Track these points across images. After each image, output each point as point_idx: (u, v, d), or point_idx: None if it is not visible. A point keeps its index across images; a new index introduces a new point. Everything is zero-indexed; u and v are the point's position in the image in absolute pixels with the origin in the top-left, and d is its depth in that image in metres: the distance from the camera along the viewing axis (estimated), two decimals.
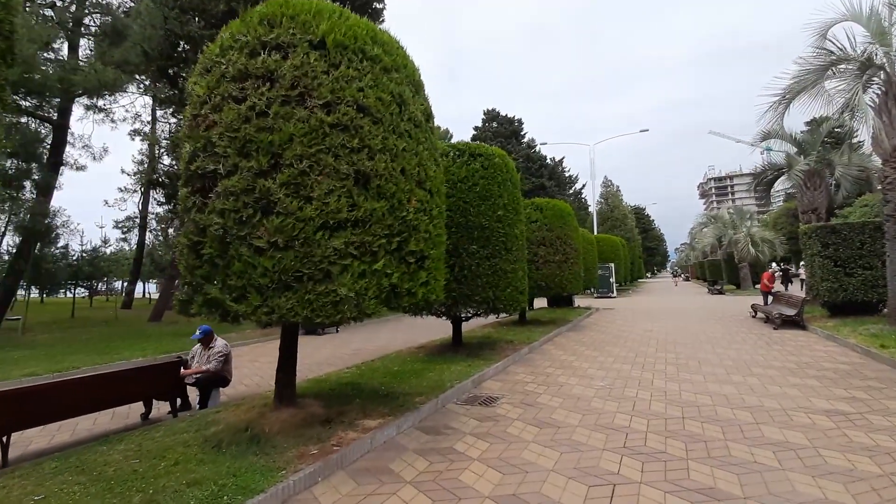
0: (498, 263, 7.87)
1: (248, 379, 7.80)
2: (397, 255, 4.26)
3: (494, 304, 7.88)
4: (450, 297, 7.64)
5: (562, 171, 43.76)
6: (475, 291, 7.67)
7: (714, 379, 6.49)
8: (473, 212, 7.73)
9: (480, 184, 7.85)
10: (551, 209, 12.17)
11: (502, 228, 7.97)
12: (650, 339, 10.43)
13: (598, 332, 11.78)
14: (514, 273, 8.15)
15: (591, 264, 18.50)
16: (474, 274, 7.67)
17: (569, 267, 12.13)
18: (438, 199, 4.97)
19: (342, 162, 3.88)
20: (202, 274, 3.85)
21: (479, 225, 7.74)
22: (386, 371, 7.12)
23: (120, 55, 12.23)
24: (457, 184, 7.79)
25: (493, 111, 35.81)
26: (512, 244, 8.16)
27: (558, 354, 8.78)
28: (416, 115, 4.69)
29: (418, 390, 5.84)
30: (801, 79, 9.59)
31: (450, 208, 7.62)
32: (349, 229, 3.88)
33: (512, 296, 8.10)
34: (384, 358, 8.43)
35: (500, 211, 7.95)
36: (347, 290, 3.77)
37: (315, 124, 3.81)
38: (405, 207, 4.31)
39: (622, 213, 41.41)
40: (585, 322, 14.42)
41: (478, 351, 8.54)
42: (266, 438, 4.16)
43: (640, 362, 7.77)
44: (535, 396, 5.84)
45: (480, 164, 8.00)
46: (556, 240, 11.99)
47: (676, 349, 8.94)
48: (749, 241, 27.93)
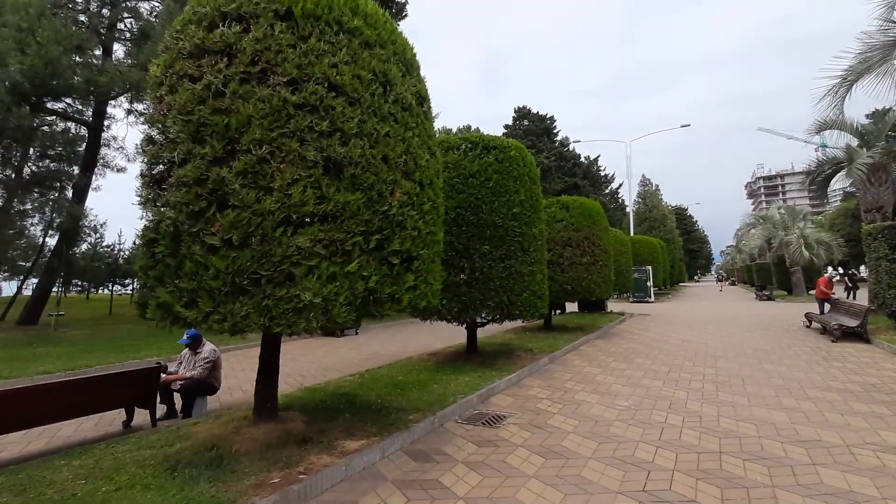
0: (513, 265, 7.20)
1: (248, 385, 7.46)
2: (377, 256, 3.71)
3: (509, 310, 7.21)
4: (460, 301, 7.05)
5: (597, 171, 42.20)
6: (488, 296, 7.04)
7: (761, 402, 5.58)
8: (486, 209, 7.10)
9: (494, 179, 7.21)
10: (578, 207, 11.34)
11: (518, 227, 7.29)
12: (687, 350, 9.44)
13: (629, 341, 10.85)
14: (531, 276, 7.46)
15: (624, 267, 17.41)
16: (487, 277, 7.03)
17: (597, 269, 11.25)
18: (432, 193, 4.39)
19: (309, 148, 3.37)
20: (155, 275, 3.43)
21: (493, 223, 7.10)
22: (389, 380, 6.60)
23: (145, 56, 12.36)
24: (468, 179, 7.18)
25: (524, 108, 34.82)
26: (529, 244, 7.47)
27: (581, 366, 8.00)
28: (404, 97, 4.13)
29: (416, 405, 5.28)
30: (866, 57, 8.39)
31: (460, 205, 7.05)
32: (316, 225, 3.36)
33: (529, 301, 7.40)
34: (393, 365, 7.93)
35: (515, 208, 7.28)
36: (313, 296, 3.25)
37: (277, 104, 3.32)
38: (387, 201, 3.76)
39: (661, 214, 39.39)
40: (617, 329, 13.44)
41: (492, 360, 7.89)
42: (230, 460, 3.70)
43: (673, 378, 6.91)
44: (548, 417, 5.15)
45: (494, 157, 7.36)
46: (583, 240, 11.15)
47: (717, 363, 7.97)
48: (802, 243, 25.76)
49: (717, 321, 15.24)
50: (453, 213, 7.08)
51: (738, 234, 36.71)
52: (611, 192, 45.66)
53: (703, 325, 14.23)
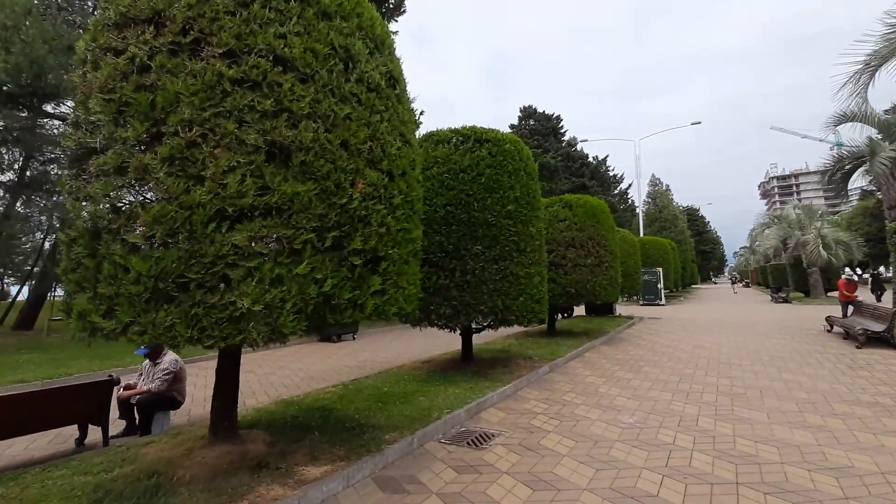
0: (508, 267, 6.67)
1: None
2: (335, 256, 3.23)
3: (504, 315, 6.68)
4: (450, 306, 6.54)
5: (605, 171, 41.40)
6: (480, 300, 6.52)
7: (781, 419, 4.98)
8: (478, 206, 6.59)
9: (487, 174, 6.69)
10: (582, 206, 10.76)
11: (513, 226, 6.77)
12: (700, 357, 8.81)
13: (637, 347, 10.23)
14: (528, 278, 6.92)
15: (633, 269, 16.75)
16: (479, 279, 6.51)
17: (603, 271, 10.66)
18: (404, 185, 3.89)
19: (249, 130, 2.89)
20: (75, 279, 2.98)
21: (485, 222, 6.59)
22: (373, 392, 6.11)
23: None
24: (459, 174, 6.68)
25: (530, 108, 34.22)
26: (526, 244, 6.94)
27: (584, 375, 7.43)
28: (371, 76, 3.65)
29: (396, 422, 4.77)
30: (892, 39, 7.72)
31: (450, 202, 6.55)
32: (258, 220, 2.89)
33: (526, 305, 6.87)
34: (382, 374, 7.43)
35: (510, 205, 6.75)
36: (252, 302, 2.77)
37: (211, 79, 2.85)
38: (347, 192, 3.27)
39: (672, 214, 38.48)
40: (625, 334, 12.81)
41: (488, 369, 7.36)
42: (167, 491, 3.22)
43: (683, 390, 6.31)
44: (541, 435, 4.61)
45: (487, 150, 6.85)
46: (587, 241, 10.57)
47: (732, 372, 7.34)
48: (820, 243, 24.81)
49: (732, 325, 14.51)
50: (442, 211, 6.58)
51: (752, 234, 35.74)
52: (620, 192, 44.80)
53: (716, 329, 13.53)
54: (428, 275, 6.65)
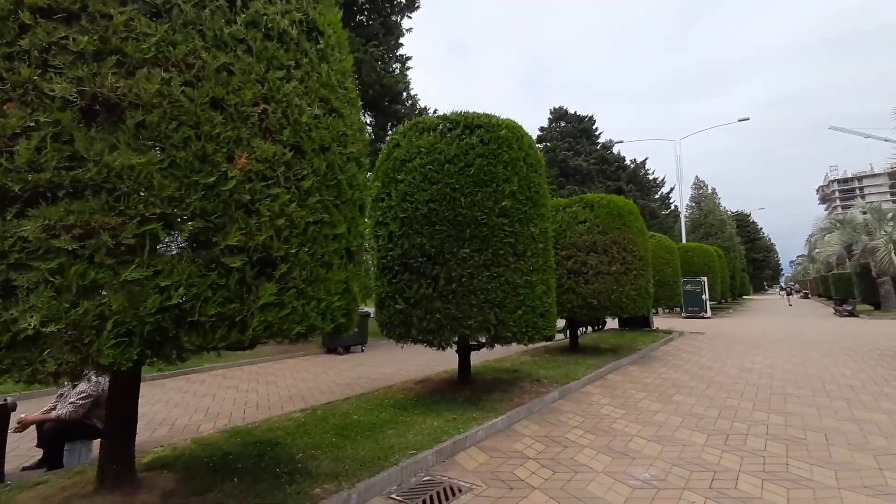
0: (502, 273, 5.61)
1: (187, 416, 6.27)
2: (199, 256, 2.34)
3: (498, 331, 5.61)
4: (433, 319, 5.55)
5: (644, 174, 39.25)
6: (468, 313, 5.49)
7: (856, 481, 3.65)
8: (465, 202, 5.59)
9: (477, 164, 5.70)
10: (605, 206, 9.51)
11: (509, 225, 5.72)
12: (747, 384, 7.35)
13: (671, 369, 8.83)
14: (529, 287, 5.83)
15: (670, 277, 15.13)
16: (466, 288, 5.50)
17: (630, 280, 9.34)
18: (322, 163, 2.96)
19: (58, 79, 2.06)
20: None
21: (474, 220, 5.58)
22: (338, 421, 5.19)
23: None
24: (444, 165, 5.72)
25: (561, 109, 32.76)
26: (526, 247, 5.86)
27: (599, 405, 6.22)
28: (274, 20, 2.77)
29: (340, 468, 3.82)
30: None
31: (433, 198, 5.61)
32: (63, 203, 2.04)
33: (526, 319, 5.77)
34: (363, 396, 6.52)
35: (505, 201, 5.71)
36: (40, 322, 1.91)
37: (4, 8, 2.04)
38: (219, 169, 2.38)
39: (719, 219, 35.72)
40: (659, 352, 11.32)
41: (484, 393, 6.29)
42: None
43: (722, 430, 5.01)
44: (522, 494, 3.53)
45: (478, 137, 5.86)
46: (611, 245, 9.30)
47: (787, 406, 5.92)
48: (892, 249, 21.99)
49: (788, 342, 12.66)
50: (424, 209, 5.63)
51: (811, 240, 32.55)
52: (661, 197, 42.41)
53: (768, 347, 11.78)
54: (408, 283, 5.70)
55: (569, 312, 9.36)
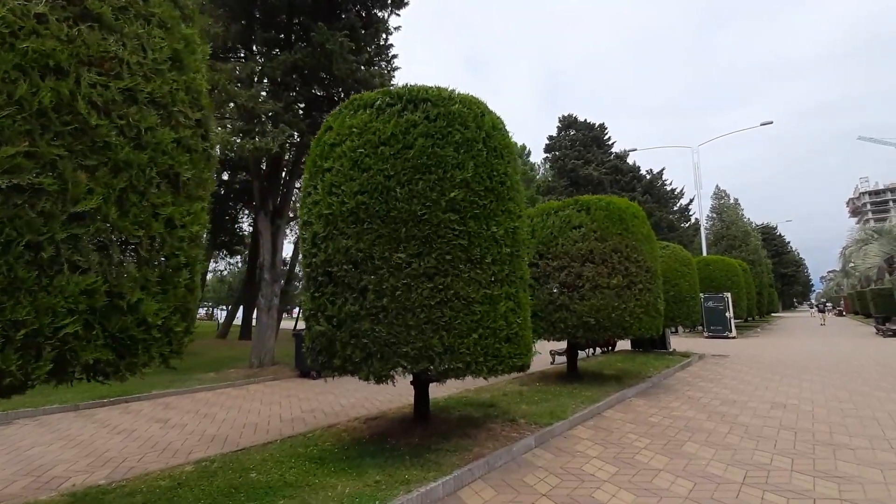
0: (451, 285, 4.32)
1: (79, 464, 5.06)
2: None
3: (444, 361, 4.28)
4: (359, 345, 4.27)
5: (661, 185, 37.44)
6: (403, 336, 4.20)
7: None
8: (402, 193, 4.35)
9: (419, 145, 4.46)
10: (603, 209, 8.13)
11: (460, 223, 4.44)
12: (781, 428, 5.81)
13: (685, 403, 7.30)
14: (489, 304, 4.51)
15: (687, 293, 13.49)
16: (401, 304, 4.21)
17: (634, 295, 7.88)
18: None
19: None
20: None
21: (412, 216, 4.32)
22: (228, 481, 3.94)
23: None
24: (378, 148, 4.50)
25: (570, 117, 31.42)
26: (486, 252, 4.56)
27: (585, 458, 4.79)
28: None
29: None
30: None
31: (363, 190, 4.40)
32: None
33: (484, 345, 4.44)
34: (287, 441, 5.25)
35: (455, 192, 4.45)
36: None
37: None
38: None
39: (742, 231, 33.53)
40: (673, 380, 9.74)
41: (440, 438, 4.95)
42: None
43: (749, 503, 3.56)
44: None
45: (423, 113, 4.64)
46: (611, 254, 7.89)
47: (839, 466, 4.40)
48: None
49: (827, 369, 10.89)
50: (352, 203, 4.41)
51: (846, 252, 30.12)
52: (680, 208, 40.39)
53: (804, 374, 10.06)
54: (332, 297, 4.45)
55: (561, 334, 7.94)
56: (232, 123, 9.78)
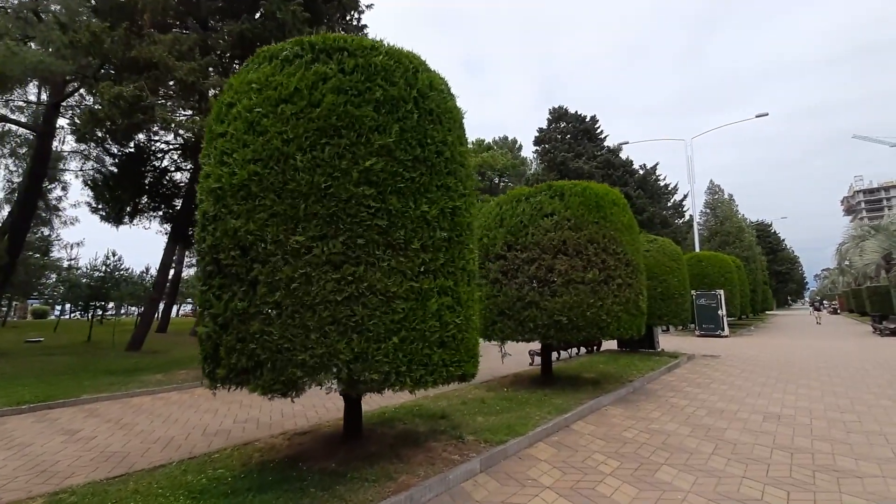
0: (365, 276, 3.45)
1: None
2: None
3: (355, 371, 3.42)
4: (244, 350, 3.40)
5: (655, 180, 36.66)
6: (301, 340, 3.33)
7: None
8: (303, 161, 3.47)
9: (326, 103, 3.58)
10: (578, 195, 7.27)
11: (378, 199, 3.57)
12: (775, 447, 4.98)
13: (666, 414, 6.46)
14: (416, 300, 3.65)
15: (676, 289, 12.67)
16: (299, 300, 3.34)
17: (612, 291, 7.04)
18: None
19: None
20: None
21: (315, 189, 3.45)
22: None
23: (41, 35, 10.23)
24: (277, 106, 3.62)
25: (560, 108, 30.46)
26: (412, 236, 3.70)
27: (537, 487, 3.94)
28: None
29: None
30: None
31: (258, 157, 3.53)
32: None
33: (409, 351, 3.58)
34: (183, 464, 4.38)
35: (371, 160, 3.57)
36: None
37: None
38: None
39: (736, 226, 32.79)
40: (657, 384, 8.91)
41: (363, 463, 4.09)
42: None
43: None
44: None
45: (337, 65, 3.77)
46: (586, 245, 7.05)
47: (844, 497, 3.56)
48: None
49: (826, 371, 10.10)
50: (243, 174, 3.52)
51: (841, 250, 29.45)
52: (674, 204, 39.66)
53: (801, 378, 9.27)
54: (218, 291, 3.57)
55: (531, 334, 7.09)
56: (175, 101, 8.88)
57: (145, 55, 7.97)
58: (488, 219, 7.87)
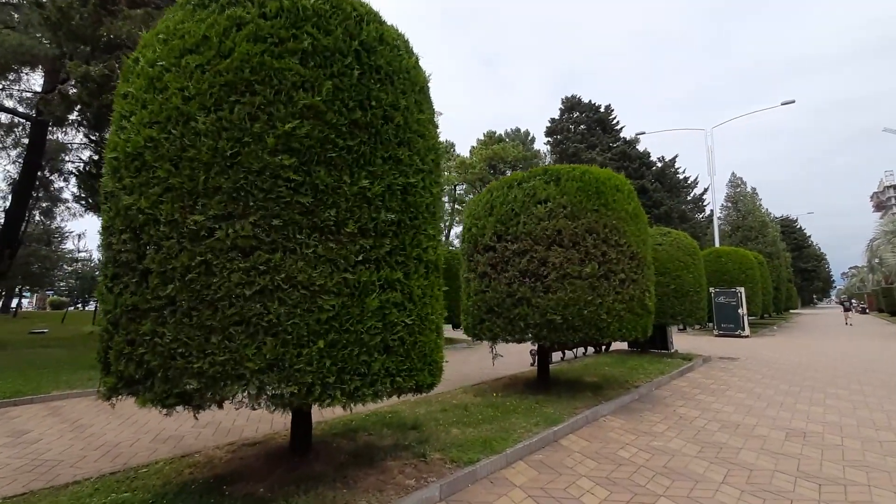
0: (281, 265, 2.79)
1: None
2: None
3: (264, 382, 2.77)
4: (133, 356, 2.78)
5: (674, 173, 35.26)
6: (198, 345, 2.69)
7: None
8: (205, 124, 2.82)
9: (239, 53, 2.92)
10: (576, 180, 6.49)
11: (300, 172, 2.89)
12: (798, 472, 4.18)
13: (672, 427, 5.69)
14: (351, 297, 2.98)
15: (692, 286, 11.74)
16: (198, 295, 2.71)
17: (613, 287, 6.27)
18: None
19: None
20: None
21: (218, 156, 2.79)
22: None
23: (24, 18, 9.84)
24: (181, 58, 2.97)
25: (574, 98, 29.30)
26: (347, 217, 3.02)
27: None
28: None
29: None
30: None
31: (155, 120, 2.89)
32: None
33: (339, 358, 2.92)
34: (99, 482, 3.81)
35: (293, 123, 2.89)
36: None
37: None
38: None
39: (759, 221, 31.26)
40: (666, 390, 8.10)
41: (300, 490, 3.45)
42: None
43: None
44: None
45: (257, 8, 3.09)
46: (584, 235, 6.28)
47: None
48: None
49: (856, 376, 9.14)
50: (138, 140, 2.89)
51: (872, 246, 27.74)
52: (694, 198, 38.17)
53: (828, 384, 8.34)
54: (110, 282, 2.96)
55: (521, 334, 6.37)
56: None
57: (115, 32, 7.50)
58: (478, 207, 7.15)
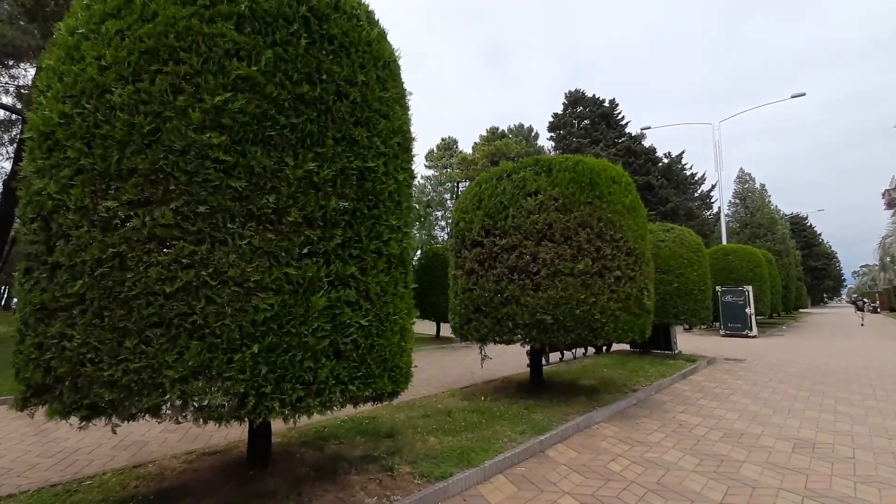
0: (209, 259, 2.43)
1: None
2: None
3: (186, 393, 2.42)
4: (40, 362, 2.44)
5: (681, 169, 34.62)
6: (107, 349, 2.35)
7: None
8: (123, 96, 2.47)
9: (163, 17, 2.56)
10: (569, 170, 6.09)
11: (231, 153, 2.53)
12: (806, 490, 3.78)
13: (671, 436, 5.29)
14: (293, 295, 2.62)
15: (695, 284, 11.27)
16: (108, 292, 2.36)
17: (608, 285, 5.88)
18: None
19: None
20: None
21: (139, 135, 2.44)
22: None
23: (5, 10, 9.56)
24: (102, 24, 2.63)
25: (577, 92, 28.72)
26: (290, 204, 2.66)
27: None
28: None
29: None
30: None
31: (68, 93, 2.55)
32: None
33: (277, 365, 2.57)
34: (36, 495, 3.48)
35: (223, 96, 2.53)
36: None
37: None
38: None
39: (768, 218, 30.55)
40: (667, 394, 7.68)
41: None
42: None
43: None
44: None
45: None
46: (576, 229, 5.89)
47: None
48: None
49: (868, 380, 8.67)
50: (51, 117, 2.55)
51: (885, 244, 26.96)
52: (701, 195, 37.47)
53: (839, 388, 7.89)
54: (24, 278, 2.63)
55: (510, 334, 6.00)
56: None
57: None
58: (466, 200, 6.78)
